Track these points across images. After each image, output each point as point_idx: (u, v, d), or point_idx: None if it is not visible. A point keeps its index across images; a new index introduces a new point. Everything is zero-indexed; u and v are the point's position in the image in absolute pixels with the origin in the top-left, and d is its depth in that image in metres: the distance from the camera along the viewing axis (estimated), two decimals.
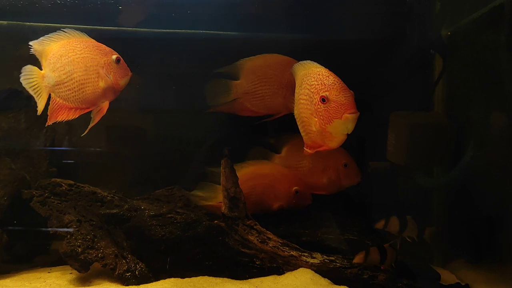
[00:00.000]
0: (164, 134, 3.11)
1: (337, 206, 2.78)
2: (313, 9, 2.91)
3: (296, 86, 2.24)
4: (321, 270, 2.36)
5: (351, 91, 1.97)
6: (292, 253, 2.47)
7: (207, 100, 2.76)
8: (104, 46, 2.22)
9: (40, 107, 2.20)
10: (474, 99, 2.71)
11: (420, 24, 2.96)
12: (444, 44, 2.86)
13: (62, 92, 2.17)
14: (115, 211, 2.47)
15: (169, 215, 2.50)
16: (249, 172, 2.67)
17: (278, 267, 2.45)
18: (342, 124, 1.94)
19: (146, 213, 2.48)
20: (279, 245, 2.50)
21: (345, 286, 2.24)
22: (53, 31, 2.23)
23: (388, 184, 2.98)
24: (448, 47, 2.85)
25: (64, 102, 2.18)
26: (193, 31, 2.96)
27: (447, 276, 2.75)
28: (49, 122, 2.21)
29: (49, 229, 2.46)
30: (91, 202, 2.53)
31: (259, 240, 2.51)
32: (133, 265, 2.36)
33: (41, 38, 2.20)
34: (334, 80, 1.99)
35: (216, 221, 2.53)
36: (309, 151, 2.18)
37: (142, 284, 2.32)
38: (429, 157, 2.84)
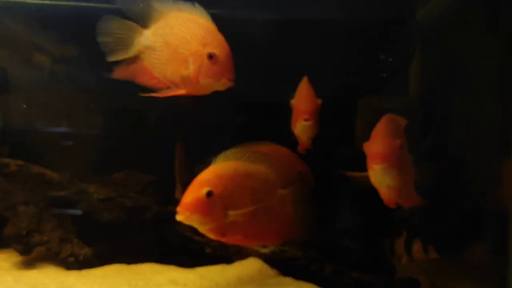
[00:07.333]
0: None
1: None
2: None
3: None
4: (270, 260, 2.27)
5: None
6: None
7: None
8: (217, 37, 1.93)
9: (114, 58, 2.01)
10: (440, 85, 2.57)
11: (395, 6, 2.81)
12: (418, 27, 2.72)
13: (151, 57, 2.03)
14: (62, 193, 2.40)
15: (119, 200, 2.42)
16: None
17: (229, 256, 2.37)
18: None
19: (95, 197, 2.41)
20: None
21: (291, 278, 2.15)
22: None
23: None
24: (422, 30, 2.70)
25: (151, 68, 2.04)
26: None
27: (413, 271, 2.64)
28: (124, 78, 2.03)
29: None
30: (39, 183, 2.45)
31: None
32: (77, 249, 2.30)
33: (167, 1, 2.02)
34: None
35: (170, 207, 2.45)
36: None
37: (84, 269, 2.25)
38: None
